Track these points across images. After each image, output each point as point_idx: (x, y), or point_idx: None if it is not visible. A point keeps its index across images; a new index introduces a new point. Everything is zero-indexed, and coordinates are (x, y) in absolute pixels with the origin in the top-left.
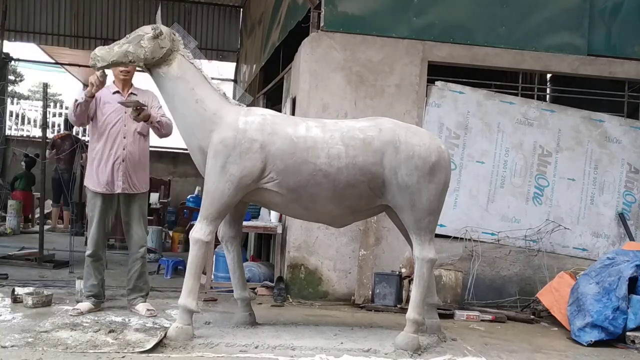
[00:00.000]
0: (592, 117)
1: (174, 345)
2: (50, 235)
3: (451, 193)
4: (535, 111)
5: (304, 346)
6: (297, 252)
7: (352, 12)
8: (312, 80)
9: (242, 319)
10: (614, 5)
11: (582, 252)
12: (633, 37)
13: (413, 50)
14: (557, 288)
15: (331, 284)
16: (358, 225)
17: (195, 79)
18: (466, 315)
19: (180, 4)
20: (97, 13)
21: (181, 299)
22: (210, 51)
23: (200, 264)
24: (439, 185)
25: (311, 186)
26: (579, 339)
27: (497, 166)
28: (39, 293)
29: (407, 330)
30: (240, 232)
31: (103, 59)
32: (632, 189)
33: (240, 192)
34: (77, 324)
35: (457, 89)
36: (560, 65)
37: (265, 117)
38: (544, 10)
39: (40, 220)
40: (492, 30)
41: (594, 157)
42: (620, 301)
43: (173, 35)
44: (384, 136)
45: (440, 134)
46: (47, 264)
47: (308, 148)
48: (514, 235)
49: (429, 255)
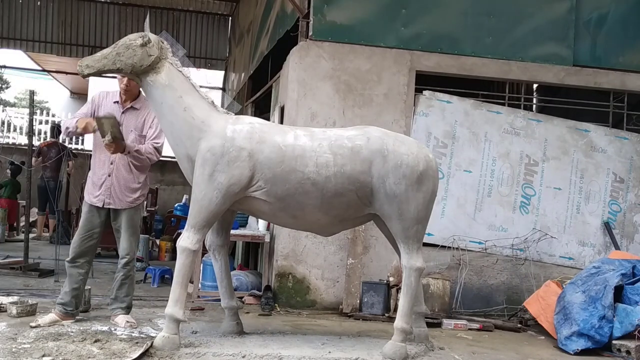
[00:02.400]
0: (577, 127)
1: (160, 354)
2: (35, 243)
3: (439, 202)
4: (522, 121)
5: (291, 355)
6: (285, 260)
7: (341, 21)
8: (301, 89)
9: (230, 328)
10: (599, 16)
11: (569, 260)
12: (618, 49)
13: (401, 59)
14: (544, 297)
15: (319, 293)
16: (346, 233)
17: (184, 87)
18: (454, 324)
19: (168, 12)
20: (85, 20)
21: (168, 308)
22: (199, 59)
23: (187, 272)
24: (427, 194)
25: (299, 195)
26: (566, 348)
27: (484, 175)
28: (24, 302)
29: (395, 339)
30: (228, 240)
31: (90, 67)
32: (618, 198)
33: (228, 200)
34: (62, 333)
35: (445, 98)
36: (547, 76)
37: (253, 126)
38: (531, 21)
39: (25, 228)
40: (480, 40)
41: (579, 166)
42: (606, 310)
43: (161, 43)
44: (372, 145)
45: (428, 143)
46: (32, 273)
47: (296, 156)
48: (501, 244)
49: (417, 264)
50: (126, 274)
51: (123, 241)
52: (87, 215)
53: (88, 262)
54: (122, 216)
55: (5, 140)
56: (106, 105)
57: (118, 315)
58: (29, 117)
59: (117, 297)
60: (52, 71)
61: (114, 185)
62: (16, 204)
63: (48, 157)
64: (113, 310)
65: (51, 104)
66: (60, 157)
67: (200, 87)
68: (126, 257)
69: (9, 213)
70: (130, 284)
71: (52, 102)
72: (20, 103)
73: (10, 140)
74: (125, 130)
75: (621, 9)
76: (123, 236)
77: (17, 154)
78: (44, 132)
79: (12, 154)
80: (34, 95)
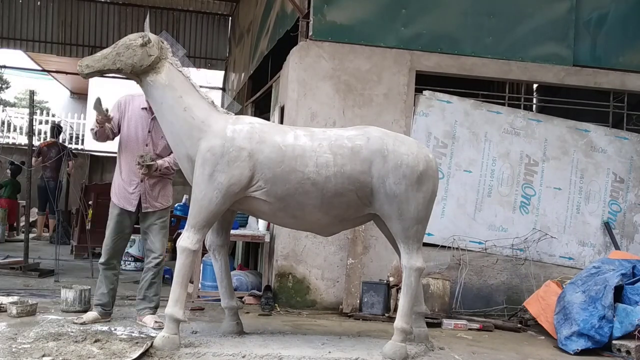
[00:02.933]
0: (577, 127)
1: (160, 354)
2: (35, 243)
3: (439, 202)
4: (522, 121)
5: (291, 355)
6: (285, 260)
7: (341, 21)
8: (301, 89)
9: (230, 328)
10: (599, 16)
11: (569, 260)
12: (618, 49)
13: (401, 59)
14: (544, 297)
15: (319, 293)
16: (346, 234)
17: (184, 87)
18: (454, 324)
19: (168, 12)
20: (85, 20)
21: (168, 308)
22: (199, 59)
23: (187, 272)
24: (427, 194)
25: (299, 195)
26: (566, 348)
27: (484, 175)
28: (24, 302)
29: (395, 339)
30: (228, 240)
31: (90, 67)
32: (618, 198)
33: (228, 200)
34: (62, 333)
35: (445, 98)
36: (547, 76)
37: (253, 126)
38: (531, 21)
39: (25, 228)
40: (480, 40)
41: (579, 166)
42: (606, 310)
43: (161, 43)
44: (372, 145)
45: (428, 143)
46: (32, 273)
47: (296, 156)
48: (501, 244)
49: (417, 264)
50: (156, 273)
51: (155, 242)
52: (118, 218)
53: (119, 261)
54: (153, 217)
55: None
56: (133, 111)
57: (146, 315)
58: (29, 117)
59: (145, 296)
60: (52, 71)
61: (147, 190)
62: (16, 204)
63: (48, 157)
64: (141, 310)
65: (51, 104)
66: (60, 157)
67: (200, 87)
68: (159, 257)
69: (9, 213)
70: (159, 284)
71: (52, 102)
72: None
73: (10, 140)
74: (155, 137)
75: (621, 9)
76: (155, 237)
77: (17, 154)
78: (44, 132)
79: (12, 154)
80: (34, 95)
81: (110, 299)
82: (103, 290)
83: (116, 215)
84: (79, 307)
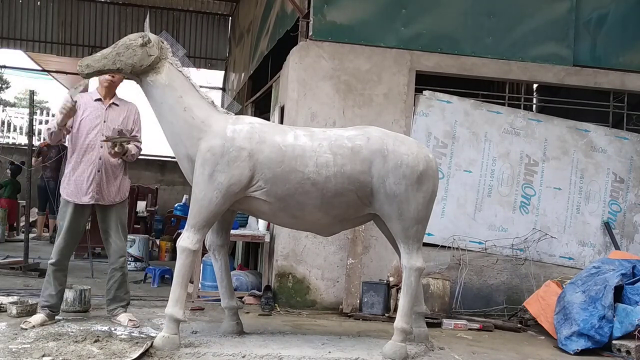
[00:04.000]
0: (577, 127)
1: (160, 354)
2: (35, 243)
3: (439, 202)
4: (522, 121)
5: (291, 355)
6: (285, 260)
7: (341, 21)
8: (301, 89)
9: (230, 328)
10: (599, 16)
11: (569, 260)
12: (618, 49)
13: (401, 59)
14: (544, 297)
15: (319, 293)
16: (346, 234)
17: (184, 87)
18: (454, 324)
19: (168, 12)
20: (85, 20)
21: (168, 308)
22: (199, 59)
23: (187, 272)
24: (427, 194)
25: (299, 194)
26: (566, 348)
27: (484, 175)
28: (24, 302)
29: (395, 339)
30: (228, 240)
31: (90, 67)
32: (618, 198)
33: (228, 200)
34: (62, 333)
35: (445, 98)
36: (546, 76)
37: (253, 126)
38: (530, 21)
39: (25, 228)
40: (479, 40)
41: (579, 166)
42: (606, 310)
43: (161, 43)
44: (372, 145)
45: (428, 143)
46: (32, 273)
47: (296, 156)
48: (501, 244)
49: (417, 264)
50: (124, 272)
51: (117, 240)
52: (73, 216)
53: (68, 262)
54: (111, 214)
55: (5, 140)
56: (86, 103)
57: (120, 314)
58: (29, 117)
59: (116, 297)
60: (52, 71)
61: (103, 181)
62: (16, 204)
63: (48, 157)
64: (113, 310)
65: (51, 104)
66: (60, 157)
67: (200, 87)
68: (124, 256)
69: (9, 213)
70: (127, 281)
71: (52, 102)
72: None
73: (10, 140)
74: (109, 127)
75: (621, 9)
76: (116, 235)
77: (17, 154)
78: (44, 132)
79: (12, 154)
80: (34, 95)
81: (58, 301)
82: (51, 292)
83: (70, 213)
84: (79, 307)
